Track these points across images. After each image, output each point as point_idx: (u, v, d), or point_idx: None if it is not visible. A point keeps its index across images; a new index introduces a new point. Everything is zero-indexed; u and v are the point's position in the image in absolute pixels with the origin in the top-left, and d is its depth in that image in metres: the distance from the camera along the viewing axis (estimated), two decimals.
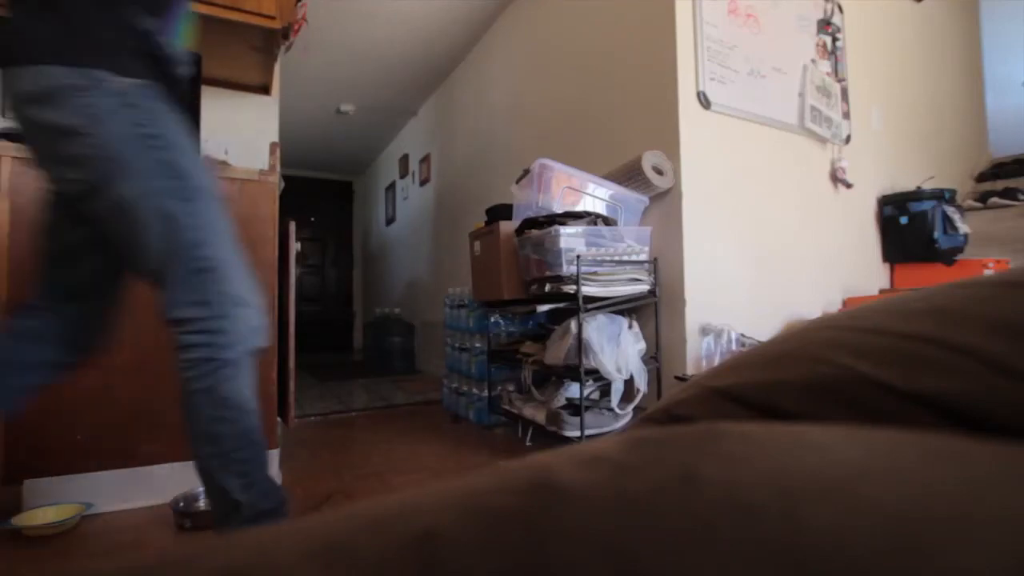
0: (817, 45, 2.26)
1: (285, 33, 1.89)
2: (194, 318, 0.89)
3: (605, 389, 1.72)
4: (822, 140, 2.25)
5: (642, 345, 1.72)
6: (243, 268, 0.94)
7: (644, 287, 1.76)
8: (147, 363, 1.40)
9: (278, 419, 1.57)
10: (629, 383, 1.67)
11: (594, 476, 0.15)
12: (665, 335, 1.83)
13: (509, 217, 1.97)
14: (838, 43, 2.34)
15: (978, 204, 2.86)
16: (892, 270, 2.52)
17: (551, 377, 1.90)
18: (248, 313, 0.93)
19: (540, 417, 1.78)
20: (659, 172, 1.81)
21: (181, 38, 1.03)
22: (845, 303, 2.27)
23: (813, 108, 2.18)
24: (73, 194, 0.91)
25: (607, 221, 1.75)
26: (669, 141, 1.84)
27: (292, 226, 1.68)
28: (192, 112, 1.07)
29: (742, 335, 1.77)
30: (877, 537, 0.12)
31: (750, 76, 2.01)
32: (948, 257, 2.31)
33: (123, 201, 0.86)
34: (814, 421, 0.22)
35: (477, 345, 2.28)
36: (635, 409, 1.71)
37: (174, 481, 1.40)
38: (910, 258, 2.41)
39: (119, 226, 0.89)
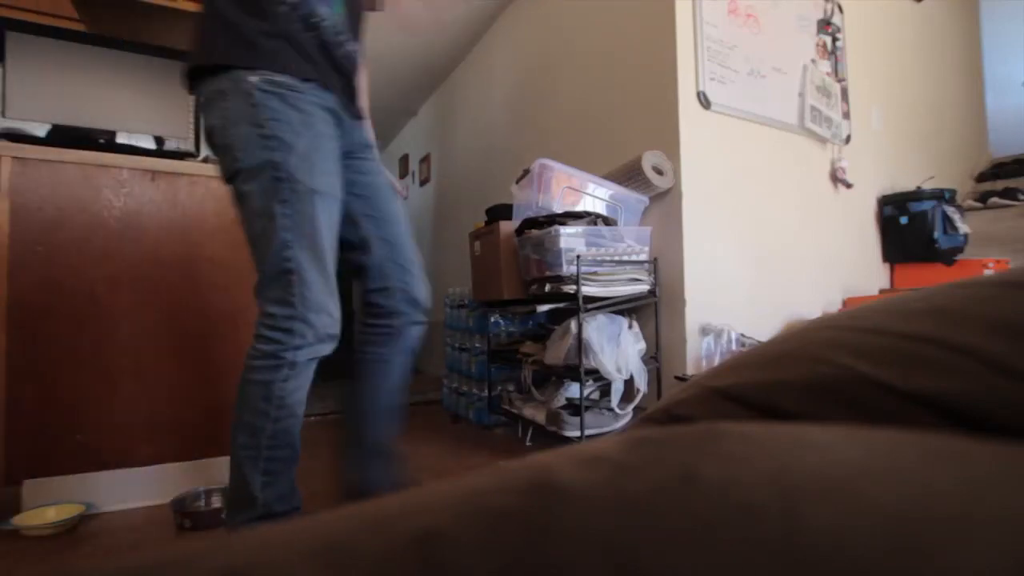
0: (817, 45, 2.26)
1: None
2: (273, 314, 0.93)
3: (605, 389, 1.72)
4: (822, 140, 2.25)
5: (642, 345, 1.72)
6: (328, 276, 0.97)
7: (644, 287, 1.76)
8: (147, 363, 1.40)
9: None
10: (629, 383, 1.67)
11: (594, 476, 0.15)
12: (665, 335, 1.83)
13: (509, 217, 1.97)
14: (838, 43, 2.34)
15: (978, 204, 2.85)
16: (892, 270, 2.52)
17: (551, 377, 1.90)
18: (324, 321, 0.95)
19: (540, 417, 1.78)
20: (659, 172, 1.81)
21: (335, 8, 1.06)
22: (845, 303, 2.27)
23: (813, 108, 2.18)
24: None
25: (607, 221, 1.75)
26: (669, 141, 1.84)
27: None
28: (349, 89, 1.11)
29: (742, 335, 1.77)
30: (877, 537, 0.12)
31: (750, 76, 2.01)
32: (948, 257, 2.31)
33: (241, 196, 0.96)
34: (814, 421, 0.22)
35: (477, 345, 2.28)
36: (635, 409, 1.71)
37: (174, 481, 1.40)
38: (910, 258, 2.41)
39: (240, 216, 0.98)
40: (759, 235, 2.01)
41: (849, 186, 2.29)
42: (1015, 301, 0.21)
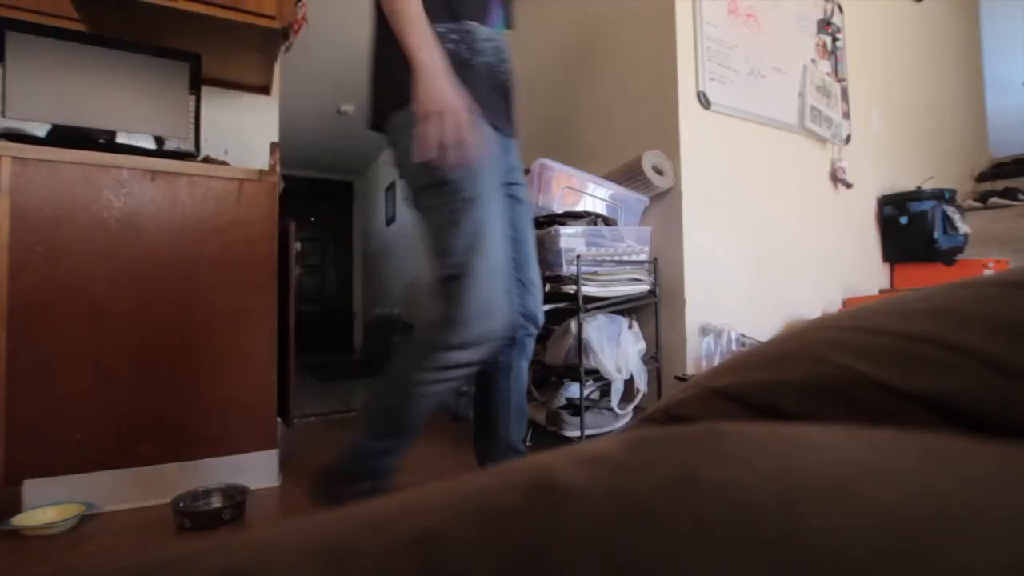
0: (817, 45, 2.26)
1: (285, 33, 1.89)
2: (444, 314, 1.01)
3: (605, 389, 1.72)
4: (822, 140, 2.25)
5: (642, 345, 1.72)
6: (495, 281, 1.03)
7: (644, 287, 1.76)
8: (147, 363, 1.40)
9: (278, 419, 1.57)
10: (629, 383, 1.67)
11: (594, 476, 0.15)
12: (665, 335, 1.83)
13: None
14: (838, 43, 2.34)
15: (978, 204, 2.86)
16: (892, 270, 2.52)
17: (551, 377, 1.90)
18: (484, 325, 1.02)
19: (540, 417, 1.78)
20: (659, 172, 1.81)
21: (498, 28, 1.16)
22: (845, 303, 2.27)
23: (813, 108, 2.18)
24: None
25: (607, 221, 1.75)
26: (669, 141, 1.84)
27: (292, 226, 1.68)
28: (506, 100, 1.20)
29: (742, 335, 1.77)
30: (877, 537, 0.12)
31: (750, 76, 2.01)
32: (948, 257, 2.31)
33: (423, 210, 1.07)
34: (814, 421, 0.22)
35: None
36: (635, 409, 1.71)
37: (174, 481, 1.40)
38: (910, 258, 2.41)
39: (424, 228, 1.08)
40: (759, 235, 2.01)
41: (849, 186, 2.29)
42: (1015, 301, 0.21)
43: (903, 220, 2.37)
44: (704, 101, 1.86)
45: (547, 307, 1.79)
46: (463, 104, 0.98)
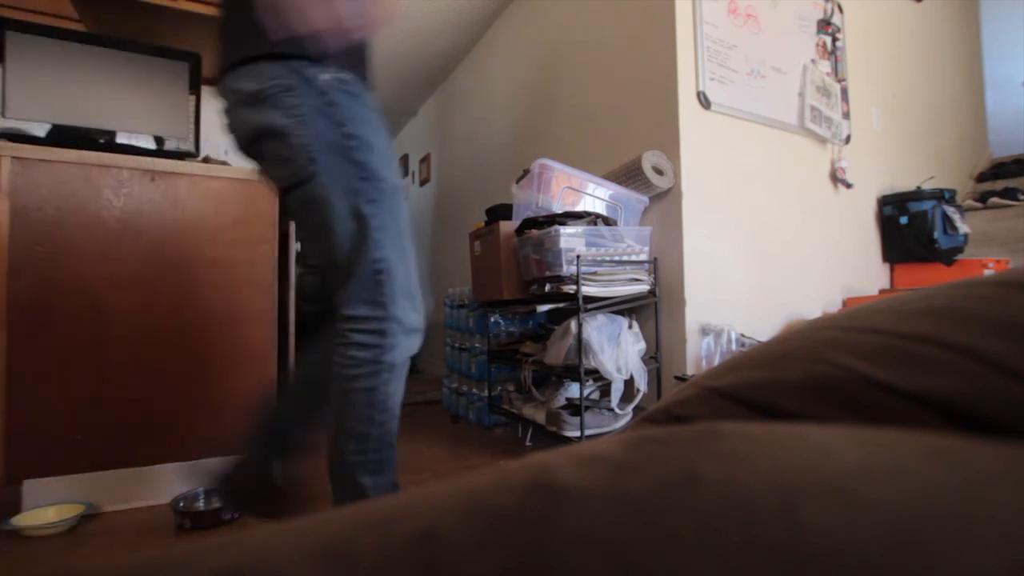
0: (817, 45, 2.26)
1: None
2: (367, 317, 0.91)
3: (605, 389, 1.72)
4: (822, 140, 2.25)
5: (642, 345, 1.72)
6: (411, 271, 0.95)
7: (644, 287, 1.76)
8: (147, 363, 1.40)
9: None
10: (629, 383, 1.67)
11: (594, 476, 0.15)
12: (665, 335, 1.83)
13: (509, 217, 1.97)
14: (838, 43, 2.34)
15: (978, 204, 2.86)
16: (892, 270, 2.52)
17: (551, 377, 1.90)
18: (411, 318, 0.95)
19: (540, 417, 1.78)
20: (659, 172, 1.81)
21: None
22: (845, 303, 2.27)
23: (813, 108, 2.18)
24: (278, 188, 0.97)
25: (607, 221, 1.75)
26: (669, 141, 1.84)
27: (292, 226, 1.68)
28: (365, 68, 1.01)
29: (742, 335, 1.77)
30: (877, 537, 0.12)
31: (750, 76, 2.01)
32: (948, 257, 2.31)
33: (319, 199, 0.90)
34: (814, 421, 0.22)
35: (477, 345, 2.28)
36: (635, 409, 1.71)
37: (174, 481, 1.40)
38: (910, 258, 2.41)
39: (314, 221, 0.93)
40: (759, 235, 2.01)
41: (849, 186, 2.29)
42: (1015, 301, 0.21)
43: (903, 220, 2.37)
44: (704, 101, 1.86)
45: (547, 307, 1.79)
46: None
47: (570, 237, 1.64)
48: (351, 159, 0.90)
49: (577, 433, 1.62)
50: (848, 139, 2.35)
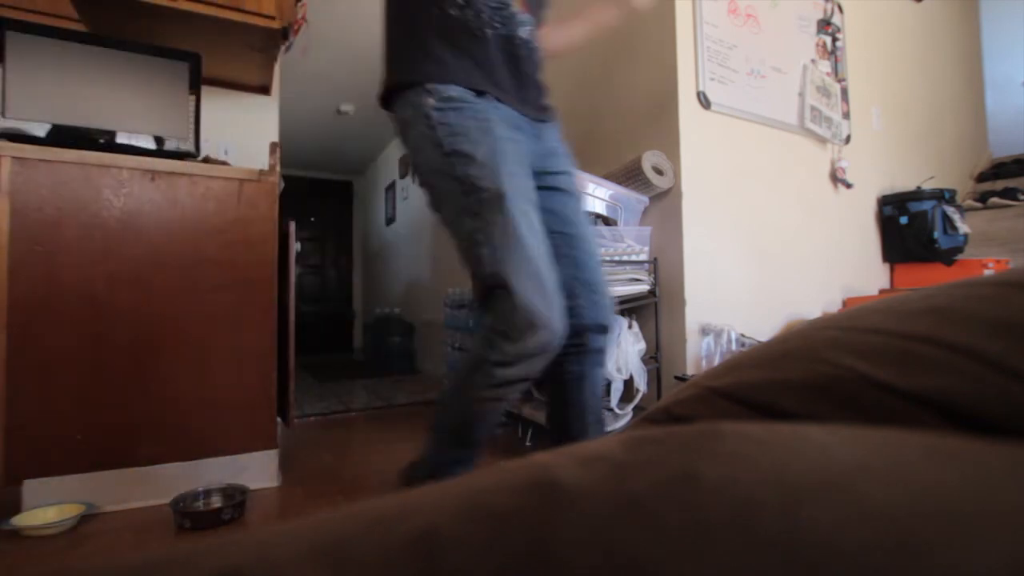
0: (817, 45, 2.26)
1: (285, 33, 1.89)
2: (488, 326, 0.92)
3: (605, 389, 1.72)
4: (822, 140, 2.25)
5: (642, 345, 1.72)
6: (539, 281, 0.90)
7: (644, 287, 1.76)
8: (147, 363, 1.40)
9: (278, 419, 1.57)
10: (629, 383, 1.67)
11: (594, 475, 0.15)
12: (665, 335, 1.83)
13: None
14: (838, 43, 2.34)
15: (978, 204, 2.86)
16: (892, 270, 2.52)
17: None
18: (529, 337, 0.89)
19: (540, 417, 1.78)
20: (659, 172, 1.81)
21: None
22: (845, 303, 2.27)
23: (813, 108, 2.18)
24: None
25: (607, 221, 1.75)
26: (669, 141, 1.84)
27: (292, 226, 1.68)
28: (524, 77, 1.06)
29: (742, 335, 1.77)
30: (877, 536, 0.12)
31: (750, 76, 2.01)
32: (948, 257, 2.31)
33: (444, 222, 0.97)
34: (814, 421, 0.22)
35: None
36: (635, 409, 1.71)
37: (174, 481, 1.40)
38: (910, 258, 2.41)
39: (454, 242, 0.97)
40: (759, 235, 2.01)
41: (849, 186, 2.29)
42: (1015, 301, 0.21)
43: (903, 220, 2.37)
44: (704, 101, 1.86)
45: None
46: None
47: None
48: (454, 176, 0.91)
49: None
50: (848, 139, 2.35)
